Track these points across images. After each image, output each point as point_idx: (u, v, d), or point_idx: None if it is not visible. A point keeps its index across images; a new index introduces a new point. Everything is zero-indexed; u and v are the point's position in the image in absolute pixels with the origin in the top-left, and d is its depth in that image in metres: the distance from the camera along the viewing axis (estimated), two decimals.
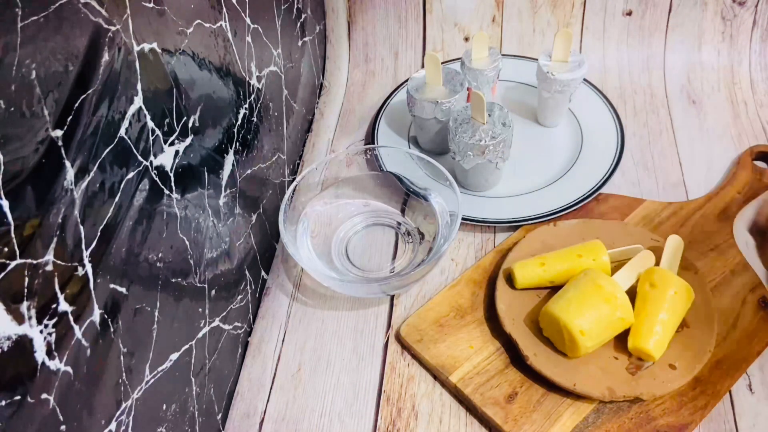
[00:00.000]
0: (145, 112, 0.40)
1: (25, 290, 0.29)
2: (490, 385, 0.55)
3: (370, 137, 0.82)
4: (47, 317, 0.30)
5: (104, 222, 0.36)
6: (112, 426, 0.37)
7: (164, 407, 0.45)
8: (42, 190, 0.30)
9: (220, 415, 0.56)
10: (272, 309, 0.66)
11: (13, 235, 0.28)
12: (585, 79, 0.84)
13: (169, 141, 0.44)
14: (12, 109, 0.27)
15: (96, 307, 0.35)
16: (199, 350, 0.50)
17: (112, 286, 0.37)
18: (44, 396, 0.30)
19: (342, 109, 0.90)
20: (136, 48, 0.39)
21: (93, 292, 0.35)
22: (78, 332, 0.33)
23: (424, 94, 0.73)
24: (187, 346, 0.48)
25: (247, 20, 0.60)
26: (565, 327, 0.53)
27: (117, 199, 0.37)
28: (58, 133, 0.31)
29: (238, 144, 0.58)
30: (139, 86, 0.39)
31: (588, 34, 0.91)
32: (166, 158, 0.43)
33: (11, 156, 0.27)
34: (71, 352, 0.33)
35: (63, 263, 0.32)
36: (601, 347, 0.55)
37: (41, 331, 0.30)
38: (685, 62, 0.89)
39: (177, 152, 0.45)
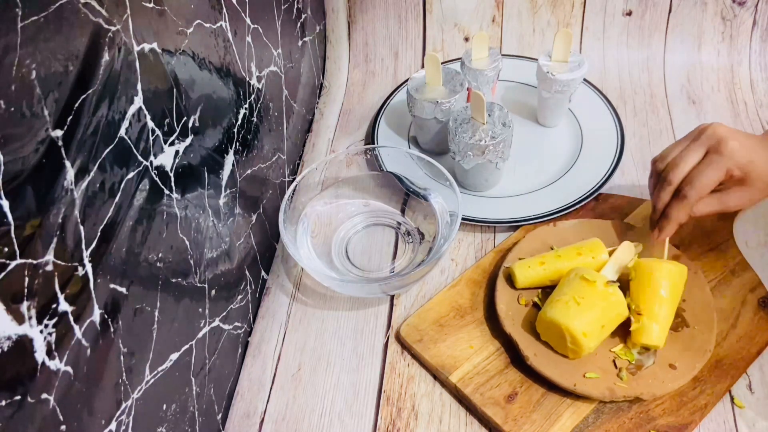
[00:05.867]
0: (145, 112, 0.40)
1: (25, 290, 0.29)
2: (490, 385, 0.55)
3: (370, 137, 0.82)
4: (47, 317, 0.30)
5: (104, 222, 0.36)
6: (112, 426, 0.37)
7: (164, 407, 0.45)
8: (42, 190, 0.30)
9: (220, 415, 0.56)
10: (272, 309, 0.66)
11: (13, 235, 0.28)
12: (585, 79, 0.84)
13: (169, 141, 0.44)
14: (12, 109, 0.27)
15: (96, 307, 0.35)
16: (199, 350, 0.50)
17: (112, 286, 0.37)
18: (44, 396, 0.30)
19: (342, 109, 0.90)
20: (136, 48, 0.39)
21: (93, 292, 0.35)
22: (78, 332, 0.33)
23: (424, 94, 0.73)
24: (187, 346, 0.48)
25: (247, 20, 0.60)
26: (567, 330, 0.53)
27: (117, 199, 0.37)
28: (58, 133, 0.31)
29: (238, 144, 0.58)
30: (139, 86, 0.39)
31: (588, 34, 0.91)
32: (166, 158, 0.43)
33: (11, 156, 0.27)
34: (71, 352, 0.33)
35: (63, 263, 0.32)
36: (600, 347, 0.55)
37: (41, 331, 0.30)
38: (685, 62, 0.89)
39: (177, 152, 0.45)
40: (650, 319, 0.54)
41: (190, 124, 0.47)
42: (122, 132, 0.37)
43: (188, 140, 0.47)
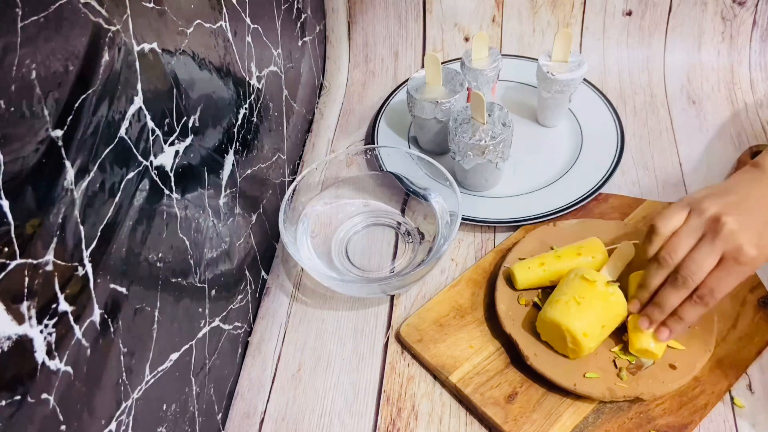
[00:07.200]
0: (145, 112, 0.40)
1: (25, 290, 0.29)
2: (490, 385, 0.55)
3: (370, 137, 0.82)
4: (47, 317, 0.30)
5: (104, 222, 0.36)
6: (112, 426, 0.37)
7: (164, 407, 0.45)
8: (42, 190, 0.30)
9: (220, 415, 0.56)
10: (272, 309, 0.66)
11: (13, 235, 0.28)
12: (585, 79, 0.84)
13: (169, 141, 0.44)
14: (12, 109, 0.27)
15: (96, 307, 0.35)
16: (199, 350, 0.50)
17: (112, 286, 0.37)
18: (44, 396, 0.30)
19: (342, 109, 0.90)
20: (136, 48, 0.39)
21: (93, 292, 0.35)
22: (78, 332, 0.33)
23: (424, 94, 0.73)
24: (187, 346, 0.48)
25: (247, 20, 0.60)
26: (568, 331, 0.52)
27: (117, 199, 0.37)
28: (58, 133, 0.31)
29: (238, 144, 0.58)
30: (139, 86, 0.39)
31: (588, 34, 0.91)
32: (166, 158, 0.43)
33: (11, 156, 0.27)
34: (71, 352, 0.33)
35: (63, 263, 0.32)
36: (600, 347, 0.55)
37: (41, 331, 0.30)
38: (685, 62, 0.89)
39: (177, 152, 0.45)
40: (647, 330, 0.54)
41: (190, 124, 0.47)
42: (122, 132, 0.37)
43: (188, 140, 0.47)
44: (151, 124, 0.41)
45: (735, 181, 0.54)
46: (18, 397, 0.28)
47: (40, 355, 0.30)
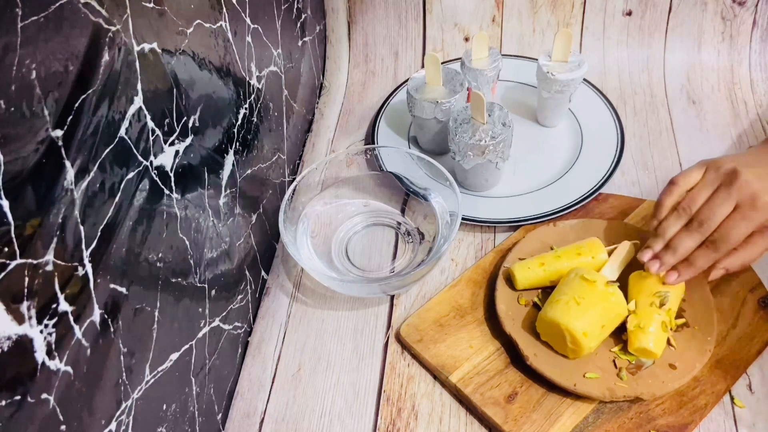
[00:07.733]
0: (145, 112, 0.40)
1: (25, 290, 0.29)
2: (490, 385, 0.55)
3: (370, 137, 0.82)
4: (47, 317, 0.30)
5: (104, 222, 0.36)
6: (112, 426, 0.37)
7: (164, 407, 0.45)
8: (42, 190, 0.30)
9: (220, 415, 0.56)
10: (272, 309, 0.66)
11: (13, 235, 0.28)
12: (585, 79, 0.84)
13: (169, 141, 0.44)
14: (12, 109, 0.27)
15: (96, 307, 0.35)
16: (199, 350, 0.50)
17: (112, 286, 0.37)
18: (44, 396, 0.30)
19: (342, 109, 0.90)
20: (136, 48, 0.39)
21: (93, 292, 0.35)
22: (78, 332, 0.33)
23: (424, 94, 0.73)
24: (187, 346, 0.48)
25: (247, 20, 0.60)
26: (567, 330, 0.52)
27: (117, 199, 0.37)
28: (58, 133, 0.31)
29: (238, 144, 0.58)
30: (139, 86, 0.39)
31: (588, 34, 0.91)
32: (166, 158, 0.43)
33: (11, 156, 0.27)
34: (71, 352, 0.33)
35: (63, 263, 0.32)
36: (600, 347, 0.55)
37: (41, 331, 0.30)
38: (685, 62, 0.89)
39: (177, 152, 0.45)
40: (647, 329, 0.54)
41: (190, 124, 0.47)
42: (122, 132, 0.37)
43: (188, 140, 0.47)
44: (151, 124, 0.41)
45: (748, 151, 0.58)
46: (18, 397, 0.28)
47: (40, 355, 0.30)
